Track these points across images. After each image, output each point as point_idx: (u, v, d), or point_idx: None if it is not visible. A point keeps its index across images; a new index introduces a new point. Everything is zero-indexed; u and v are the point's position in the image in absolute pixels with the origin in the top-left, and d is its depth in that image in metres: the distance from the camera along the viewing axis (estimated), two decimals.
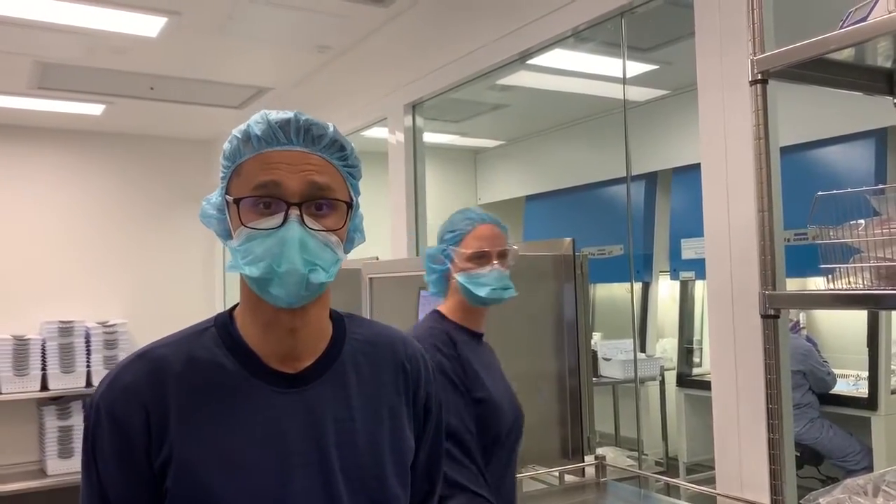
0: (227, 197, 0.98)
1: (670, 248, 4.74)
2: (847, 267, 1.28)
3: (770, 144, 1.33)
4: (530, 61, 3.08)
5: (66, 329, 5.02)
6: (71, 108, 4.86)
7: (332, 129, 1.00)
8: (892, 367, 3.84)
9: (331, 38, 3.72)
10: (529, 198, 5.77)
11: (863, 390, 3.93)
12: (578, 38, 2.77)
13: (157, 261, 5.74)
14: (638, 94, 4.44)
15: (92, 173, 5.60)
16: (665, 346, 5.28)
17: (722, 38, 1.94)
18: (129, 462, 0.95)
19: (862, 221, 1.27)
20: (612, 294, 5.50)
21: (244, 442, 0.96)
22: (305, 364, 1.01)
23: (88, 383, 5.05)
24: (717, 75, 1.95)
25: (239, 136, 0.98)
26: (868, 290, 1.26)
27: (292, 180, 0.95)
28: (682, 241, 4.60)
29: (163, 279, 5.73)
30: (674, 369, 4.97)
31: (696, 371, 4.91)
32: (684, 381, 4.85)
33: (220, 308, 5.09)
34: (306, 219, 0.94)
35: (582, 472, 2.38)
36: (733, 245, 1.91)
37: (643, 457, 4.40)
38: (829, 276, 1.30)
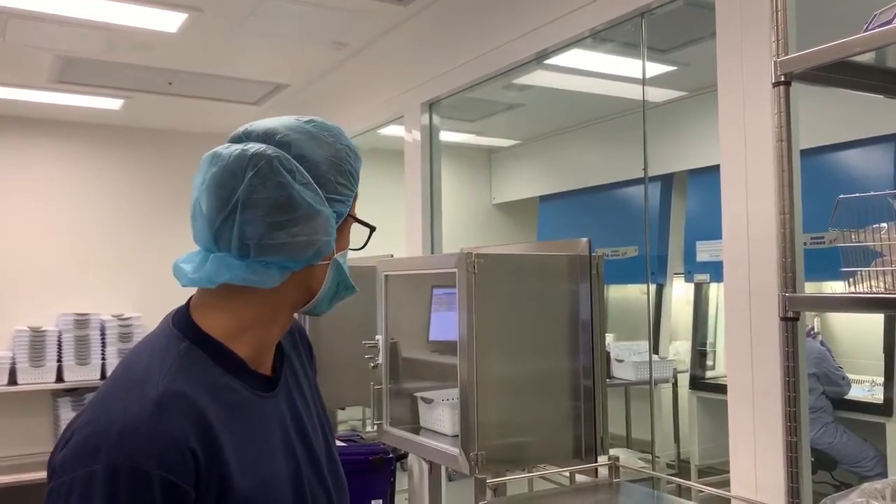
0: (354, 216, 1.03)
1: (685, 251, 4.72)
2: (868, 270, 1.27)
3: (792, 146, 1.33)
4: (547, 61, 3.08)
5: (81, 321, 5.07)
6: (90, 102, 4.90)
7: None
8: None
9: (349, 36, 3.73)
10: (543, 198, 5.76)
11: (878, 396, 3.91)
12: (596, 38, 2.76)
13: (173, 255, 5.68)
14: (655, 95, 4.43)
15: (109, 167, 5.65)
16: (678, 349, 5.26)
17: (743, 39, 1.93)
18: None
19: (885, 225, 1.26)
20: (624, 295, 5.49)
21: (275, 458, 0.97)
22: (269, 363, 1.03)
23: (103, 375, 5.10)
24: (738, 77, 1.94)
25: (358, 156, 1.03)
26: (889, 293, 1.25)
27: None
28: (698, 243, 4.58)
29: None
30: (686, 372, 4.96)
31: (709, 374, 4.89)
32: (697, 383, 4.84)
33: None
34: None
35: (595, 472, 2.37)
36: (751, 247, 1.91)
37: (655, 459, 4.39)
38: (850, 280, 1.30)
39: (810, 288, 3.65)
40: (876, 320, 3.97)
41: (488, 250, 2.50)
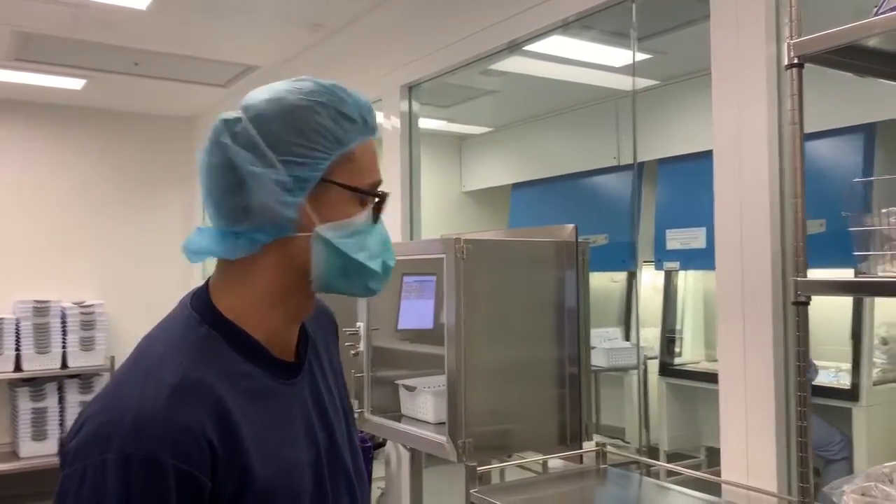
0: (337, 182, 0.91)
1: (655, 239, 4.76)
2: (881, 254, 1.27)
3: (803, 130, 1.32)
4: (526, 47, 3.05)
5: (41, 309, 4.91)
6: (50, 81, 4.72)
7: None
8: (874, 359, 3.90)
9: (325, 16, 3.65)
10: (516, 185, 5.75)
11: (844, 381, 3.99)
12: (578, 25, 2.74)
13: (136, 240, 5.62)
14: (627, 83, 4.42)
15: (70, 150, 5.46)
16: (647, 336, 5.31)
17: (739, 22, 1.93)
18: None
19: None
20: (593, 283, 5.51)
21: (296, 446, 0.94)
22: (292, 348, 0.99)
23: (64, 364, 4.95)
24: (733, 61, 1.94)
25: (348, 115, 0.92)
26: None
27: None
28: (668, 231, 4.61)
29: (141, 259, 5.62)
30: (655, 358, 5.01)
31: (676, 360, 4.95)
32: (666, 369, 4.89)
33: None
34: None
35: (580, 458, 2.37)
36: (745, 235, 1.91)
37: (625, 444, 4.43)
38: (862, 264, 1.30)
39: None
40: (842, 307, 4.05)
41: (475, 236, 2.48)
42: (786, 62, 1.30)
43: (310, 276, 0.92)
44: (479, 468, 2.10)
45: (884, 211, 1.28)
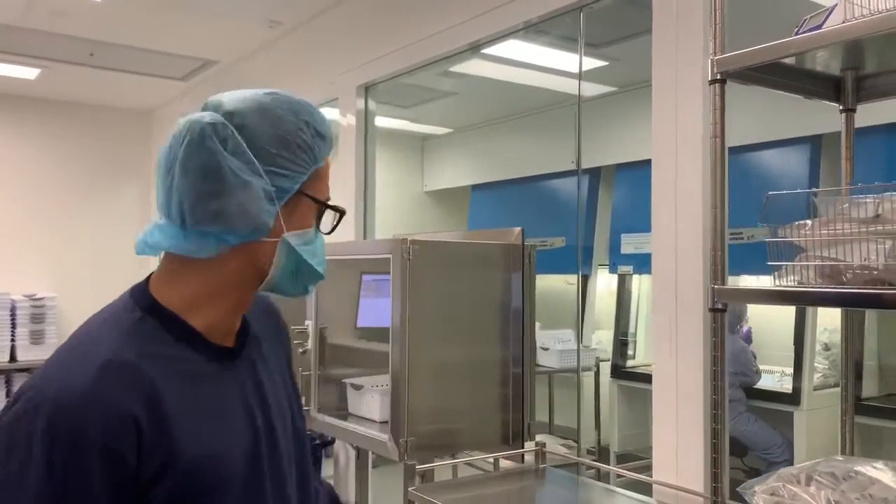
0: (309, 194, 1.00)
1: (610, 243, 4.83)
2: (793, 265, 1.33)
3: (725, 143, 1.37)
4: (484, 51, 3.08)
5: None
6: (3, 70, 4.64)
7: None
8: (815, 364, 4.01)
9: (284, 14, 3.65)
10: (475, 187, 5.79)
11: (787, 386, 4.09)
12: (534, 30, 2.78)
13: (90, 233, 5.55)
14: (586, 89, 4.49)
15: (22, 140, 5.37)
16: (601, 338, 5.38)
17: (678, 39, 1.98)
18: (120, 490, 0.85)
19: (808, 221, 1.32)
20: (549, 285, 5.57)
21: (230, 430, 0.96)
22: (231, 337, 1.03)
23: (13, 358, 4.87)
24: (672, 75, 1.99)
25: (322, 133, 0.99)
26: (809, 287, 1.31)
27: None
28: (623, 235, 4.69)
29: (95, 252, 5.54)
30: (608, 360, 5.08)
31: (629, 363, 5.03)
32: (618, 372, 4.96)
33: None
34: None
35: (521, 458, 2.41)
36: (679, 241, 1.96)
37: (575, 444, 4.49)
38: (776, 273, 1.35)
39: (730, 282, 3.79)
40: (787, 313, 4.15)
41: (422, 237, 2.50)
42: (709, 78, 1.35)
43: (264, 277, 0.98)
44: (418, 467, 2.13)
45: (797, 223, 1.33)
